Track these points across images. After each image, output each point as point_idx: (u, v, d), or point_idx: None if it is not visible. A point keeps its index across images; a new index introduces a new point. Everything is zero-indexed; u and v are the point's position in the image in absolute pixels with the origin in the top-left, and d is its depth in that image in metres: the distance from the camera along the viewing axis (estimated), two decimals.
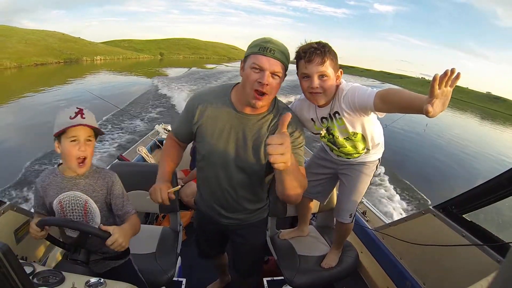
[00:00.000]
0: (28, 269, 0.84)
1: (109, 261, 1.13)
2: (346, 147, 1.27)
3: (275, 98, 1.09)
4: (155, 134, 3.32)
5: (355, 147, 1.25)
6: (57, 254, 1.34)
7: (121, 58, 48.19)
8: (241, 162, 1.08)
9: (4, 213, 1.19)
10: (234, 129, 1.06)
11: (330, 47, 1.07)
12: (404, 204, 4.94)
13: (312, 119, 1.24)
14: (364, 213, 1.82)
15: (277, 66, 0.95)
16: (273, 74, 0.95)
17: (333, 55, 1.07)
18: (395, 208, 4.66)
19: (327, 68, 1.06)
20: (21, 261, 0.93)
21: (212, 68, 31.30)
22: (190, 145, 2.76)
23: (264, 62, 0.93)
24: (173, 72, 24.29)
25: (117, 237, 0.93)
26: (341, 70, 1.12)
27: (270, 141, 0.78)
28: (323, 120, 1.22)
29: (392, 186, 5.36)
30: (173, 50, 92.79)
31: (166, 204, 1.13)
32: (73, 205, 1.03)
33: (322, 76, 1.07)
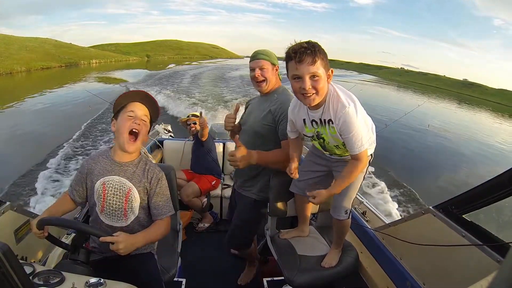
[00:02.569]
0: (28, 269, 0.83)
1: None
2: (335, 152, 1.29)
3: (280, 86, 1.54)
4: (155, 134, 3.32)
5: (344, 154, 1.28)
6: (57, 254, 1.34)
7: (113, 61, 52.92)
8: (255, 126, 1.49)
9: (4, 213, 1.19)
10: (254, 105, 1.59)
11: (320, 46, 1.05)
12: (404, 204, 4.94)
13: (304, 119, 1.25)
14: (364, 213, 1.82)
15: (260, 63, 1.44)
16: (260, 69, 1.44)
17: (323, 54, 1.06)
18: (395, 208, 4.66)
19: (318, 68, 1.04)
20: (21, 261, 0.93)
21: (168, 68, 31.09)
22: (191, 146, 2.77)
23: (253, 64, 1.46)
24: (126, 75, 23.10)
25: (121, 247, 0.94)
26: (331, 69, 1.10)
27: (229, 156, 1.32)
28: (313, 123, 1.22)
29: (391, 187, 5.36)
30: (158, 51, 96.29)
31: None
32: (116, 189, 1.05)
33: (313, 76, 1.05)
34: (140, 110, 1.06)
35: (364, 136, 1.12)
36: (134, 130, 1.03)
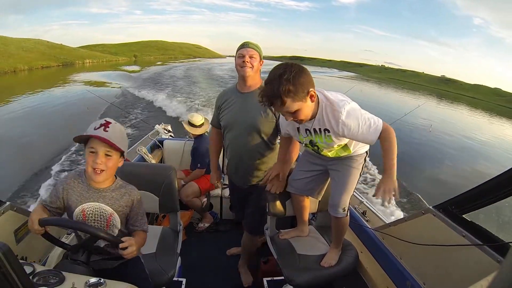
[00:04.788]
0: (28, 269, 0.84)
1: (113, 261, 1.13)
2: (329, 156, 1.31)
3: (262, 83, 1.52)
4: (155, 134, 3.32)
5: (338, 155, 1.30)
6: (57, 254, 1.34)
7: (105, 61, 57.51)
8: (246, 124, 1.55)
9: (4, 213, 1.19)
10: (240, 103, 1.58)
11: (286, 79, 1.00)
12: (404, 204, 4.94)
13: (298, 128, 1.26)
14: (364, 213, 1.82)
15: (251, 51, 1.50)
16: (250, 57, 1.50)
17: (292, 86, 1.00)
18: (395, 208, 4.66)
19: (290, 105, 1.05)
20: (21, 261, 0.93)
21: (137, 71, 29.04)
22: (191, 146, 2.77)
23: (243, 51, 1.50)
24: (101, 77, 22.18)
25: (135, 249, 0.99)
26: (311, 90, 1.07)
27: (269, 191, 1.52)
28: (307, 132, 1.23)
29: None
30: (144, 52, 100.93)
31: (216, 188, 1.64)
32: (96, 216, 1.05)
33: (291, 112, 1.08)
34: (100, 147, 0.99)
35: (370, 117, 1.12)
36: (96, 170, 1.00)
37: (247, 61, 1.49)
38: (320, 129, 1.18)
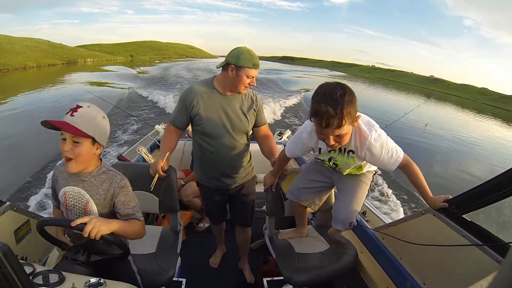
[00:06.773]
0: (28, 269, 0.83)
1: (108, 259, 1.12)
2: (343, 174, 1.32)
3: None
4: (155, 134, 3.32)
5: (350, 173, 1.31)
6: (57, 254, 1.34)
7: (104, 60, 61.22)
8: (233, 128, 1.51)
9: (4, 213, 1.19)
10: (221, 106, 1.50)
11: (348, 100, 0.97)
12: (404, 204, 4.94)
13: (320, 148, 1.24)
14: (364, 213, 1.82)
15: (257, 72, 1.47)
16: (254, 77, 1.47)
17: (350, 107, 0.98)
18: (395, 208, 4.66)
19: (345, 128, 1.01)
20: (21, 261, 0.92)
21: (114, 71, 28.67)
22: (191, 146, 2.76)
23: (254, 73, 1.45)
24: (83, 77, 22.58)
25: (94, 221, 0.88)
26: (359, 115, 1.06)
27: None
28: (331, 151, 1.22)
29: (391, 187, 5.36)
30: (140, 52, 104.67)
31: (160, 175, 1.51)
32: (75, 201, 1.03)
33: (338, 136, 1.04)
34: (67, 133, 0.95)
35: (394, 147, 1.14)
36: (67, 157, 0.97)
37: (253, 84, 1.47)
38: (345, 149, 1.18)
